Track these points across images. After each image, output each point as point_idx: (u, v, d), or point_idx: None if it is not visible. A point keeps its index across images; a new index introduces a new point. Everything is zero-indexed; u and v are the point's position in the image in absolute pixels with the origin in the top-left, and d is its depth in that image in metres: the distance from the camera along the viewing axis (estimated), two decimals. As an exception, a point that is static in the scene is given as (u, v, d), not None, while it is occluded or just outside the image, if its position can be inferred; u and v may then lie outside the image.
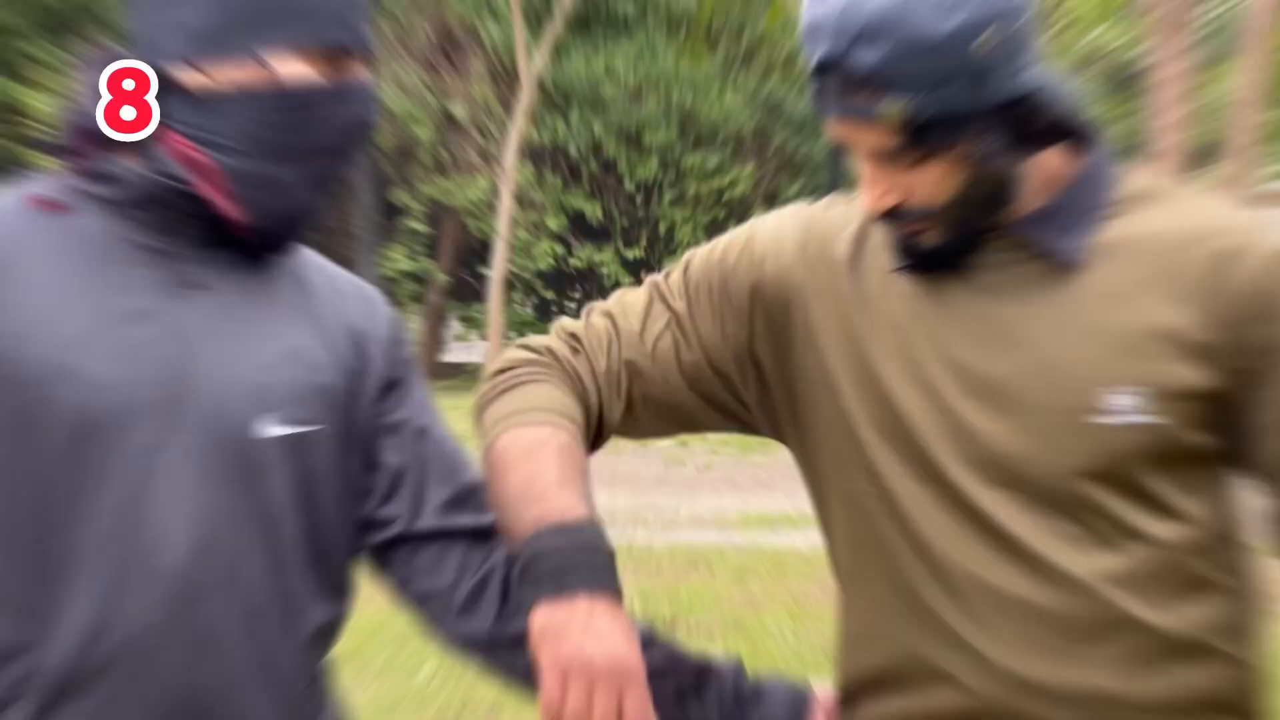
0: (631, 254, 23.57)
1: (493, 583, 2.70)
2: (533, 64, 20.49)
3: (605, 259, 23.30)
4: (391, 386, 2.70)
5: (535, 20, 21.37)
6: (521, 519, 2.28)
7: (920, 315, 2.50)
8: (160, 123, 2.46)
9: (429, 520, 2.77)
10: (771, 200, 24.08)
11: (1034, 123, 2.43)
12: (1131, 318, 2.40)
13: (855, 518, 2.50)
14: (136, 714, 2.52)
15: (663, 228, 23.83)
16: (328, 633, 2.70)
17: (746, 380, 2.54)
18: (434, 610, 2.77)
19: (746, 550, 12.51)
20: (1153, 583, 2.36)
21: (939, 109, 2.34)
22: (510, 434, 2.41)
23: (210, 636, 2.53)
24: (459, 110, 22.65)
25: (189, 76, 2.44)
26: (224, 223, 2.52)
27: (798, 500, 13.79)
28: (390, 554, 2.78)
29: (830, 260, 2.56)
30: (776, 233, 2.62)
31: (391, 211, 23.75)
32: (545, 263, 23.10)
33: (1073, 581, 2.31)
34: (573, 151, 23.12)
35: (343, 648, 2.80)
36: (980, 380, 2.45)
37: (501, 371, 2.49)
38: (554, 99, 23.01)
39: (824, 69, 2.35)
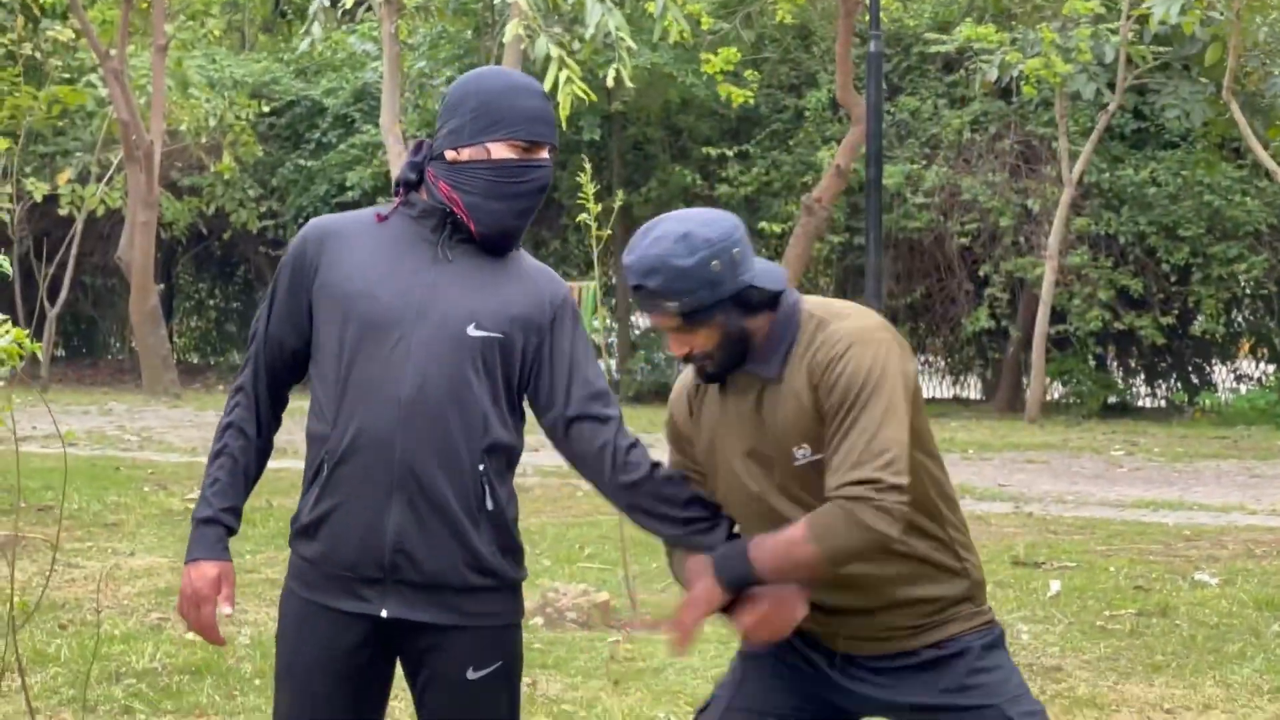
0: (1166, 321, 26.32)
1: (617, 450, 4.10)
2: (1074, 171, 24.02)
3: (1145, 324, 25.99)
4: (556, 323, 4.13)
5: (1086, 136, 24.80)
6: None
7: (719, 415, 4.11)
8: (434, 178, 4.10)
9: (575, 408, 4.14)
10: None
11: (750, 300, 3.95)
12: (796, 401, 3.95)
13: (732, 505, 4.14)
14: (380, 476, 3.99)
15: (1190, 301, 26.68)
16: (495, 450, 4.06)
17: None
18: (590, 469, 4.16)
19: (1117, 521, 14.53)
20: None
21: (694, 305, 3.90)
22: None
23: (419, 439, 3.97)
24: (1034, 204, 26.10)
25: (450, 155, 4.09)
26: (468, 231, 4.08)
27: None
28: (558, 430, 4.15)
29: (686, 401, 4.22)
30: (673, 403, 4.25)
31: (980, 283, 26.98)
32: (1095, 325, 25.68)
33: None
34: (1122, 239, 26.07)
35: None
36: (748, 447, 4.05)
37: None
38: (1109, 199, 26.21)
39: (635, 288, 3.94)
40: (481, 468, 4.01)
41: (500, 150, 4.03)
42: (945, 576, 4.12)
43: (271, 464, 4.40)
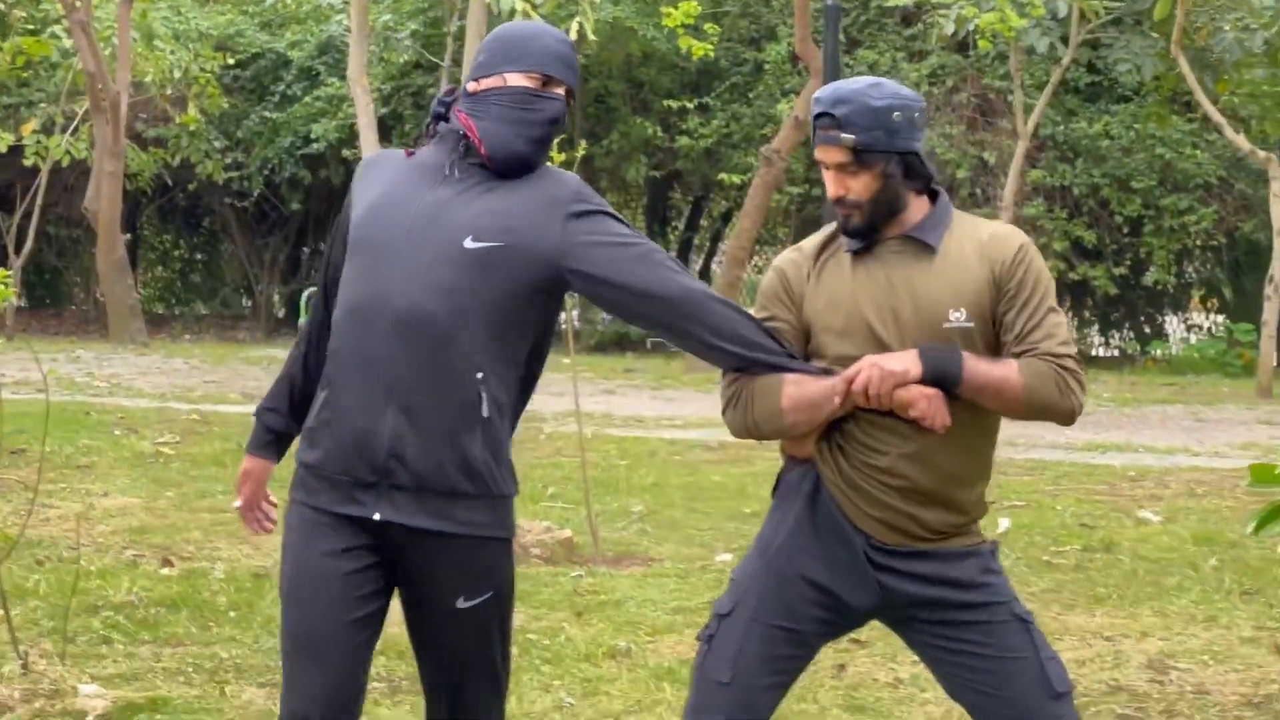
0: (1118, 271, 26.91)
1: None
2: (1028, 124, 24.45)
3: (1098, 274, 26.64)
4: (579, 217, 4.24)
5: (1041, 90, 25.17)
6: None
7: (849, 278, 4.28)
8: (457, 110, 4.33)
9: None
10: (1230, 235, 27.67)
11: (913, 169, 4.24)
12: (962, 272, 4.21)
13: (846, 362, 4.23)
14: (377, 388, 4.19)
15: (1143, 252, 27.20)
16: (493, 361, 4.22)
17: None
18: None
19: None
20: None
21: (869, 143, 4.17)
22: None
23: (415, 353, 4.16)
24: (990, 156, 26.64)
25: (472, 86, 4.33)
26: (480, 155, 4.27)
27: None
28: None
29: (804, 265, 4.36)
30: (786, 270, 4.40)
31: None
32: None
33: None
34: (1076, 191, 26.63)
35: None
36: (889, 310, 4.23)
37: None
38: (1064, 151, 26.74)
39: (818, 117, 4.22)
40: (480, 375, 4.16)
41: (516, 79, 4.26)
42: (980, 491, 4.40)
43: (241, 408, 4.66)
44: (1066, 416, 4.22)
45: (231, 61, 30.00)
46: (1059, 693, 4.33)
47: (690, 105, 28.09)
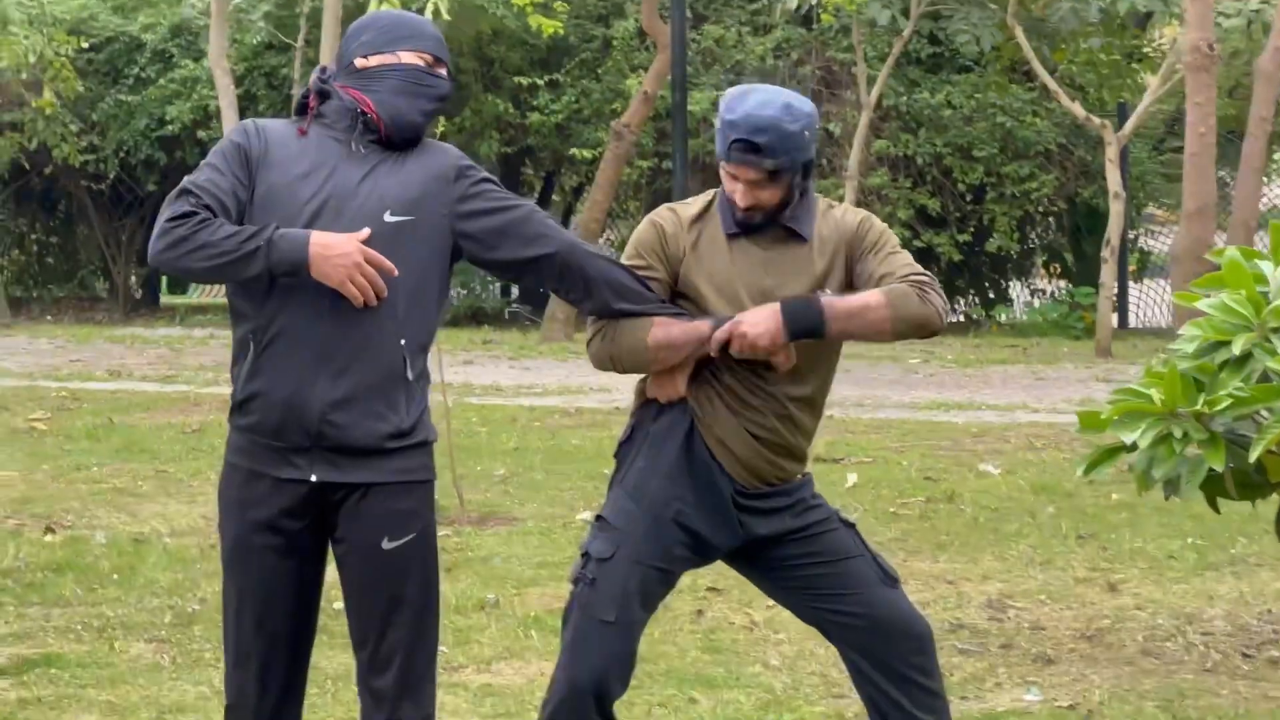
0: (962, 238, 27.26)
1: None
2: (871, 95, 24.68)
3: (942, 241, 26.96)
4: (466, 184, 4.52)
5: (884, 61, 25.36)
6: None
7: (726, 256, 4.71)
8: (342, 87, 4.50)
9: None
10: (1071, 201, 28.22)
11: (809, 170, 4.69)
12: (832, 259, 4.74)
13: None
14: (306, 357, 4.36)
15: (986, 219, 27.59)
16: (413, 328, 4.47)
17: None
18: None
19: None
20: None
21: (786, 165, 4.56)
22: None
23: (342, 324, 4.36)
24: (835, 128, 26.95)
25: (360, 62, 4.53)
26: (377, 129, 4.47)
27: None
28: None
29: (686, 228, 4.75)
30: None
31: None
32: (896, 243, 26.66)
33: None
34: (919, 161, 27.03)
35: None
36: (761, 286, 4.67)
37: None
38: (907, 121, 27.18)
39: (737, 142, 4.55)
40: (403, 342, 4.42)
41: (409, 58, 4.54)
42: (809, 440, 4.91)
43: (109, 385, 4.77)
44: (932, 324, 4.67)
45: (85, 45, 29.86)
46: (893, 578, 4.91)
47: (540, 82, 28.30)
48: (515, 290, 30.74)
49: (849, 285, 4.74)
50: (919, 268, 4.73)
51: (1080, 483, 10.74)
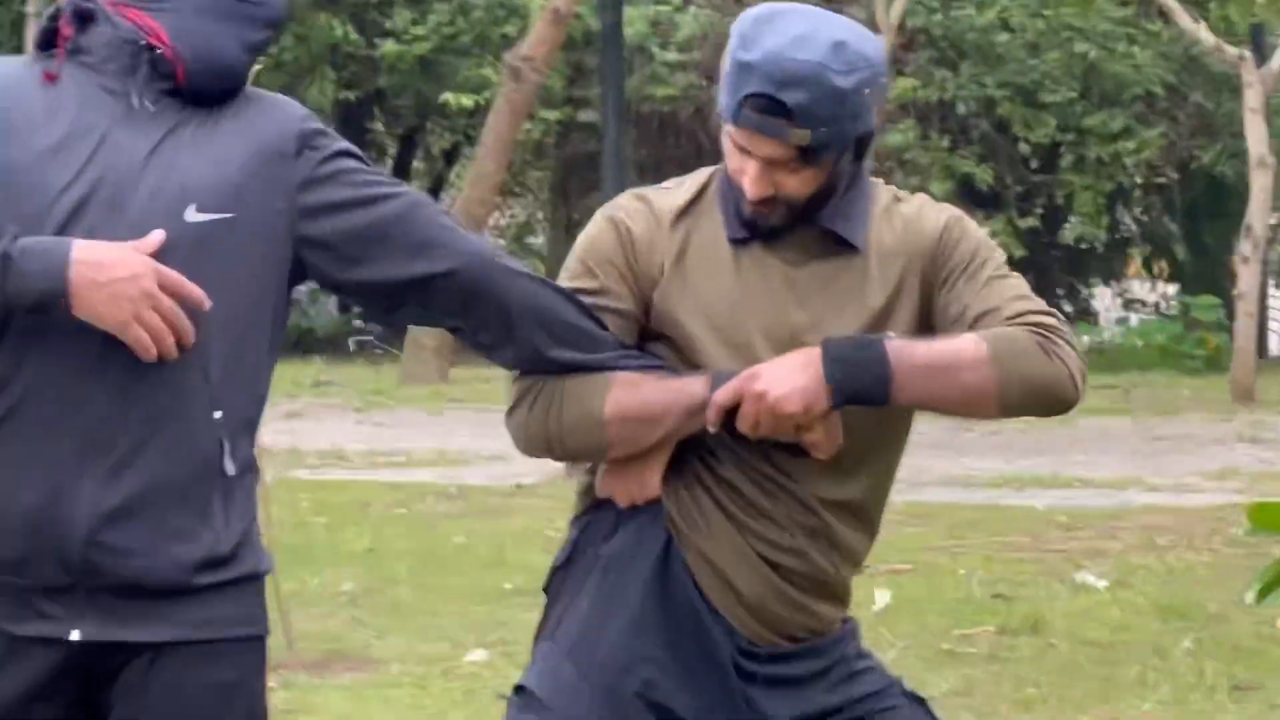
0: (1026, 224, 27.20)
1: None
2: (892, 13, 23.82)
3: (997, 228, 25.81)
4: (312, 161, 4.18)
5: None
6: None
7: (730, 278, 4.33)
8: (116, 5, 4.12)
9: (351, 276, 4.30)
10: (1184, 168, 28.64)
11: (864, 149, 4.26)
12: (883, 283, 4.33)
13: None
14: (65, 438, 4.05)
15: (1060, 195, 27.78)
16: (233, 392, 4.15)
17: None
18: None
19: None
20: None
21: (829, 139, 4.16)
22: None
23: (122, 384, 4.08)
24: None
25: None
26: (172, 73, 4.13)
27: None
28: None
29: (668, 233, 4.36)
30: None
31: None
32: (928, 231, 26.43)
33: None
34: (961, 109, 27.06)
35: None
36: (784, 327, 4.29)
37: None
38: (944, 52, 27.10)
39: (753, 96, 4.15)
40: (218, 415, 4.06)
41: None
42: (855, 570, 4.50)
43: None
44: (1060, 391, 4.18)
45: None
46: None
47: (398, -6, 28.16)
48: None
49: (925, 325, 4.32)
50: (1040, 303, 4.24)
51: (1228, 602, 10.54)
